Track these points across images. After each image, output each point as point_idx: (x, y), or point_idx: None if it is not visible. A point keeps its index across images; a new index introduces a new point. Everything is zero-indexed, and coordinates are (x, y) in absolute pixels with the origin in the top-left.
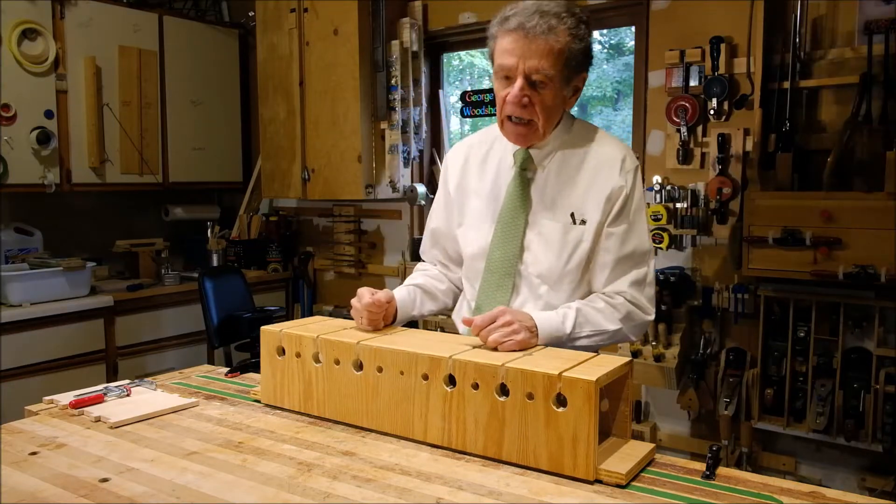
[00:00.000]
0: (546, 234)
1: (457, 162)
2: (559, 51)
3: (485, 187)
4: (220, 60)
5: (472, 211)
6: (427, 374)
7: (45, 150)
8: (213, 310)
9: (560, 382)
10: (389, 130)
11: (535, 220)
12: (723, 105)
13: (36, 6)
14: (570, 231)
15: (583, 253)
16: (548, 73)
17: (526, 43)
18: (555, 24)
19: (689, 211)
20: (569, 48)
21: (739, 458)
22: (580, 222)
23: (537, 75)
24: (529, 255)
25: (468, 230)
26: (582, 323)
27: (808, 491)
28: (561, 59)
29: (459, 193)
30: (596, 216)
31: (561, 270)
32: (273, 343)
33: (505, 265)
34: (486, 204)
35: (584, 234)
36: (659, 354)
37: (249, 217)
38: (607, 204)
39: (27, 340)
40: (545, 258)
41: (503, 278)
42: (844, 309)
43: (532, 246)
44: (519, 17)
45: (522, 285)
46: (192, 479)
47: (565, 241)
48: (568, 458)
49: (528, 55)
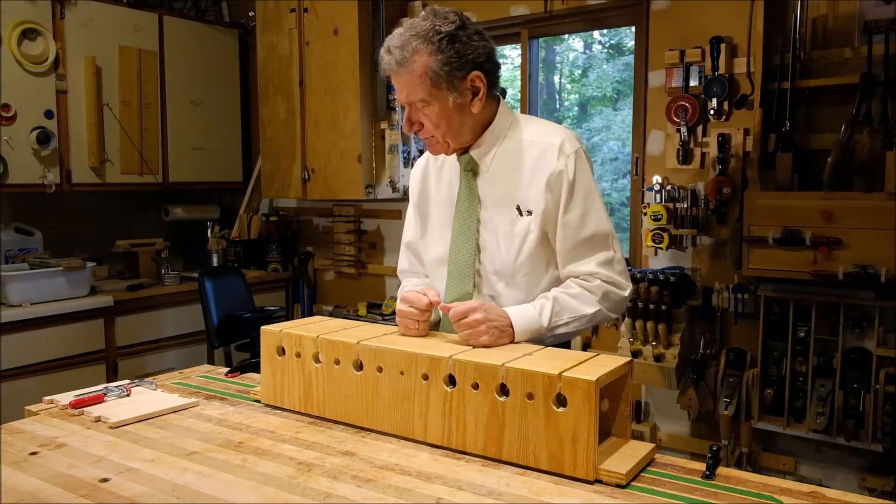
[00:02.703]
0: (497, 230)
1: (417, 175)
2: (419, 76)
3: (442, 195)
4: (220, 60)
5: (433, 220)
6: (427, 374)
7: (45, 150)
8: (213, 310)
9: (560, 382)
10: (389, 130)
11: (486, 218)
12: (723, 105)
13: (36, 6)
14: (517, 223)
15: (532, 243)
16: (419, 98)
17: (395, 79)
18: (402, 56)
19: (689, 211)
20: (427, 68)
21: (739, 458)
22: (526, 213)
23: (415, 102)
24: (485, 254)
25: (429, 240)
26: (559, 311)
27: (808, 491)
28: (424, 80)
29: (422, 204)
30: (539, 204)
31: (514, 264)
32: (273, 343)
33: (464, 267)
34: (444, 211)
35: (531, 224)
36: (659, 354)
37: (249, 217)
38: (548, 190)
39: (27, 340)
40: (497, 254)
41: (463, 280)
42: (844, 309)
43: (487, 245)
44: (382, 59)
45: (482, 284)
46: (192, 479)
47: (513, 233)
48: (568, 458)
49: (400, 88)
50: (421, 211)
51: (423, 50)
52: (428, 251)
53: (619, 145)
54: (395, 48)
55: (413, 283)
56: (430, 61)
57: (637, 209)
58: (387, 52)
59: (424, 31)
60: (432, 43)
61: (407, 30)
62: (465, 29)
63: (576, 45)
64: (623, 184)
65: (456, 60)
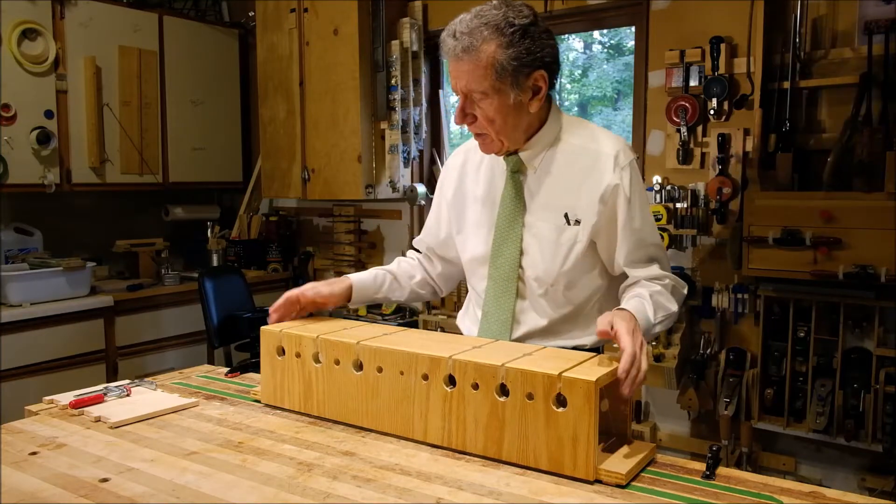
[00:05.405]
0: (541, 236)
1: (455, 167)
2: (484, 66)
3: (481, 192)
4: (220, 60)
5: (470, 217)
6: (427, 375)
7: (45, 150)
8: (213, 310)
9: (560, 383)
10: (389, 130)
11: (530, 222)
12: (723, 105)
13: (36, 6)
14: (565, 232)
15: (578, 253)
16: (479, 90)
17: (455, 65)
18: (469, 43)
19: (689, 211)
20: (494, 60)
21: (739, 458)
22: (574, 222)
23: (473, 93)
24: (527, 259)
25: (467, 237)
26: (656, 310)
27: (808, 491)
28: (489, 72)
29: (458, 199)
30: (591, 215)
31: (557, 272)
32: (273, 343)
33: (507, 271)
34: (483, 209)
35: (579, 235)
36: (659, 354)
37: (249, 217)
38: (601, 203)
39: (27, 340)
40: (541, 261)
41: (507, 283)
42: (844, 309)
43: (529, 249)
44: (444, 43)
45: (524, 290)
46: (192, 479)
47: (560, 242)
48: (568, 459)
49: (458, 76)
50: (456, 205)
51: (493, 40)
52: (465, 249)
53: None
54: (463, 34)
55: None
56: (500, 53)
57: None
58: (451, 37)
59: (497, 21)
60: (504, 35)
61: (476, 17)
62: (536, 25)
63: (576, 45)
64: None
65: (525, 56)
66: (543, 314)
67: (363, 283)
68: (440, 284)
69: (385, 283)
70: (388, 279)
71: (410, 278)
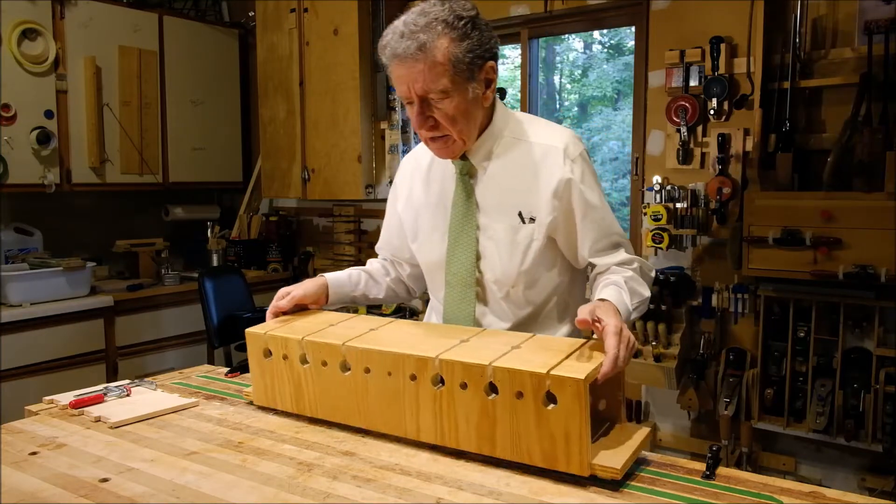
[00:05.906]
0: (497, 237)
1: (405, 175)
2: (441, 62)
3: (432, 198)
4: (220, 60)
5: (423, 224)
6: (415, 375)
7: (45, 150)
8: (213, 310)
9: (548, 381)
10: (389, 130)
11: (485, 224)
12: (723, 105)
13: (36, 6)
14: (520, 231)
15: (536, 251)
16: (438, 89)
17: (406, 69)
18: (425, 40)
19: (689, 211)
20: (451, 54)
21: (739, 458)
22: (529, 220)
23: (431, 94)
24: (485, 262)
25: (422, 244)
26: (632, 295)
27: (808, 491)
28: (447, 68)
29: (409, 207)
30: (546, 212)
31: (517, 272)
32: (259, 345)
33: (464, 275)
34: (436, 214)
35: (535, 233)
36: (659, 354)
37: (249, 217)
38: (556, 199)
39: (27, 340)
40: (499, 262)
41: (465, 289)
42: (844, 309)
43: (486, 252)
44: (390, 46)
45: (484, 294)
46: (192, 479)
47: (516, 241)
48: (561, 455)
49: (413, 79)
50: (408, 214)
51: (446, 35)
52: (422, 255)
53: (619, 145)
54: (414, 32)
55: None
56: (455, 47)
57: (637, 209)
58: (400, 37)
59: (445, 16)
60: (456, 28)
61: (422, 14)
62: (479, 16)
63: (576, 45)
64: (623, 184)
65: (478, 48)
66: (505, 317)
67: (339, 281)
68: (411, 285)
69: (361, 281)
70: (364, 277)
71: (386, 275)
